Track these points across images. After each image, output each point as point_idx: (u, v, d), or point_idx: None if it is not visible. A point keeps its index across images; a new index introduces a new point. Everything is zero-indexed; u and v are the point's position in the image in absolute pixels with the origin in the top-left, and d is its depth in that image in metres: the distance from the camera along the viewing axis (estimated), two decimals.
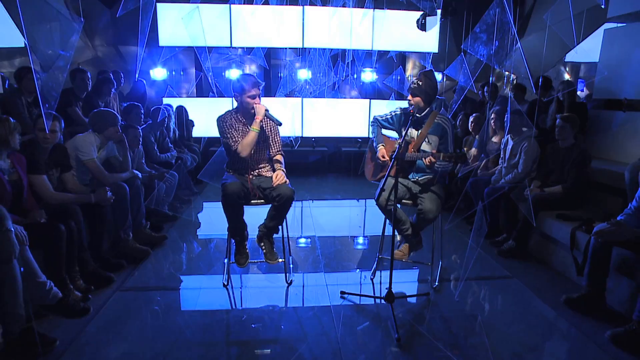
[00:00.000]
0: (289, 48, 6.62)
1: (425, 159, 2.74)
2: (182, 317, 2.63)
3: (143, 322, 2.56)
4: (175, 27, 6.11)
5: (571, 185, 3.55)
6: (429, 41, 6.46)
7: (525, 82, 5.79)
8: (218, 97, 6.21)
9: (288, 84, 6.57)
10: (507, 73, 6.13)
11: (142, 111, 4.37)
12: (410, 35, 6.29)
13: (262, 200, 2.91)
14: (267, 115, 2.83)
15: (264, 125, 2.96)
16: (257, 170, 2.98)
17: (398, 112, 3.10)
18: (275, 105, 6.61)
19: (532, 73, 5.51)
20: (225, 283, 3.00)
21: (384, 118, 3.17)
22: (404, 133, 2.71)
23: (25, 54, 5.90)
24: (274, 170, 3.02)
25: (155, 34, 6.23)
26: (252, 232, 3.05)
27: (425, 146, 2.96)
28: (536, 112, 4.73)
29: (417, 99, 2.91)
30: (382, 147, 3.09)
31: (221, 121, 2.89)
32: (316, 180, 6.85)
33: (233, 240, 2.96)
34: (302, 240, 4.06)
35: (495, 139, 4.58)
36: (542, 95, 4.84)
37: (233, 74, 7.23)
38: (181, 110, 5.96)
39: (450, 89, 7.07)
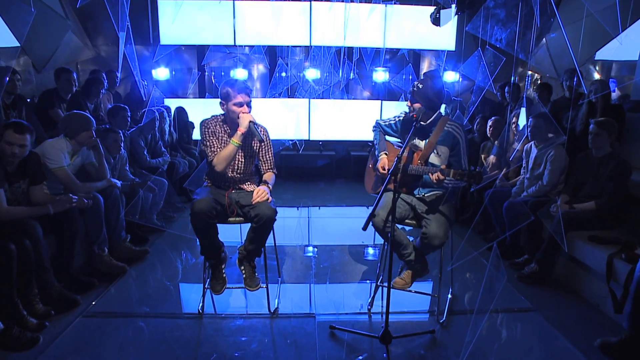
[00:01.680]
0: (293, 46, 6.23)
1: (432, 174, 2.32)
2: (146, 351, 2.28)
3: (99, 358, 2.22)
4: (174, 24, 5.83)
5: (606, 202, 3.04)
6: (445, 38, 5.98)
7: (552, 81, 5.27)
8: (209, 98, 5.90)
9: (287, 83, 6.19)
10: (530, 72, 5.60)
11: (129, 114, 4.06)
12: (425, 31, 5.83)
13: (242, 218, 2.53)
14: (251, 128, 2.45)
15: (252, 140, 2.59)
16: (238, 185, 2.61)
17: (402, 117, 2.69)
18: (278, 107, 6.27)
19: (558, 73, 4.99)
20: (201, 311, 2.64)
21: (386, 123, 2.76)
22: (405, 143, 2.30)
23: (10, 55, 5.73)
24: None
25: (157, 32, 5.98)
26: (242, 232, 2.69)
27: (433, 158, 2.53)
28: (570, 112, 4.18)
29: (417, 105, 2.49)
30: (385, 156, 2.68)
31: (204, 126, 2.54)
32: (324, 186, 6.47)
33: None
34: (300, 252, 3.68)
35: (517, 146, 4.10)
36: (577, 97, 4.29)
37: (239, 73, 6.91)
38: (180, 111, 5.67)
39: (468, 89, 6.56)
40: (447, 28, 5.52)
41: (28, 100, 4.35)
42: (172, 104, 5.79)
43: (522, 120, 4.40)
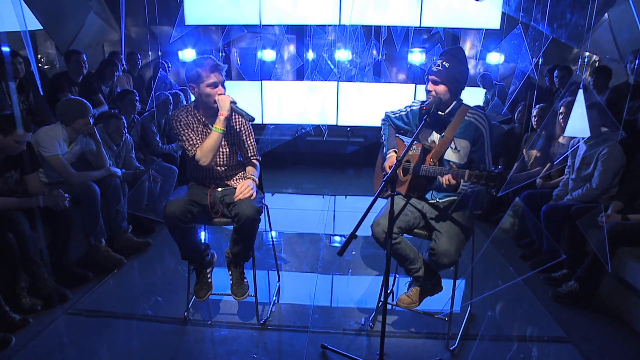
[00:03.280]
0: (317, 25, 5.82)
1: (442, 177, 1.94)
2: (120, 357, 2.12)
3: None
4: (200, 4, 5.61)
5: None
6: (489, 15, 5.31)
7: (613, 64, 4.54)
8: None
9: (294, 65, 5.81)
10: (587, 54, 4.86)
11: (138, 97, 3.90)
12: (466, 8, 5.21)
13: (228, 219, 2.28)
14: (234, 109, 2.16)
15: (233, 124, 2.30)
16: (223, 182, 2.35)
17: (415, 107, 2.29)
18: (303, 90, 5.94)
19: (621, 55, 4.28)
20: (186, 315, 2.44)
21: (397, 115, 2.37)
22: (411, 140, 1.92)
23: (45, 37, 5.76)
24: None
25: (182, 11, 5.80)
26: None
27: (450, 154, 2.13)
28: (628, 102, 3.55)
29: (442, 87, 2.06)
30: (394, 154, 2.31)
31: (174, 119, 2.22)
32: (352, 173, 6.15)
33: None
34: (305, 247, 3.44)
35: (563, 140, 3.54)
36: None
37: (266, 54, 6.62)
38: None
39: (512, 72, 5.89)
40: (492, 4, 4.90)
41: None
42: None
43: (575, 110, 3.81)
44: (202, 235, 3.64)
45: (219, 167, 2.30)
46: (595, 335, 2.37)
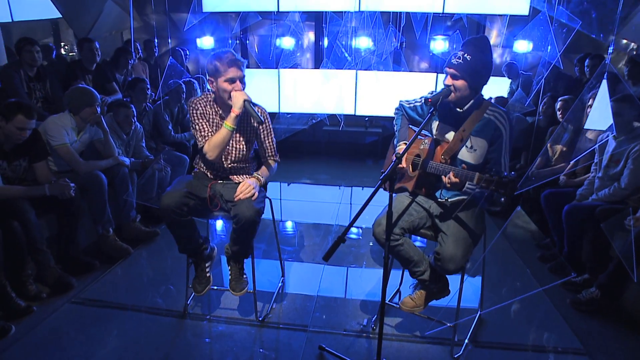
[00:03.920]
0: (333, 12, 5.64)
1: (444, 176, 1.81)
2: (117, 349, 2.12)
3: (68, 352, 2.09)
4: None
5: None
6: (517, 1, 5.00)
7: None
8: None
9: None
10: (625, 41, 4.51)
11: (149, 85, 3.88)
12: None
13: (227, 213, 2.21)
14: (247, 107, 2.08)
15: (251, 120, 2.22)
16: (228, 176, 2.28)
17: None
18: (320, 79, 5.81)
19: None
20: (185, 309, 2.42)
21: (411, 105, 2.23)
22: (412, 137, 1.79)
23: (67, 25, 5.81)
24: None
25: None
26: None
27: (465, 154, 1.98)
28: None
29: (461, 82, 1.90)
30: (404, 146, 2.17)
31: (191, 107, 2.19)
32: (370, 164, 6.02)
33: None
34: (320, 239, 3.39)
35: (590, 135, 3.31)
36: None
37: (286, 42, 6.50)
38: None
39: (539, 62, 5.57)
40: None
41: None
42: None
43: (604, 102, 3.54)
44: (220, 225, 3.67)
45: (229, 163, 2.25)
46: (615, 348, 2.19)
